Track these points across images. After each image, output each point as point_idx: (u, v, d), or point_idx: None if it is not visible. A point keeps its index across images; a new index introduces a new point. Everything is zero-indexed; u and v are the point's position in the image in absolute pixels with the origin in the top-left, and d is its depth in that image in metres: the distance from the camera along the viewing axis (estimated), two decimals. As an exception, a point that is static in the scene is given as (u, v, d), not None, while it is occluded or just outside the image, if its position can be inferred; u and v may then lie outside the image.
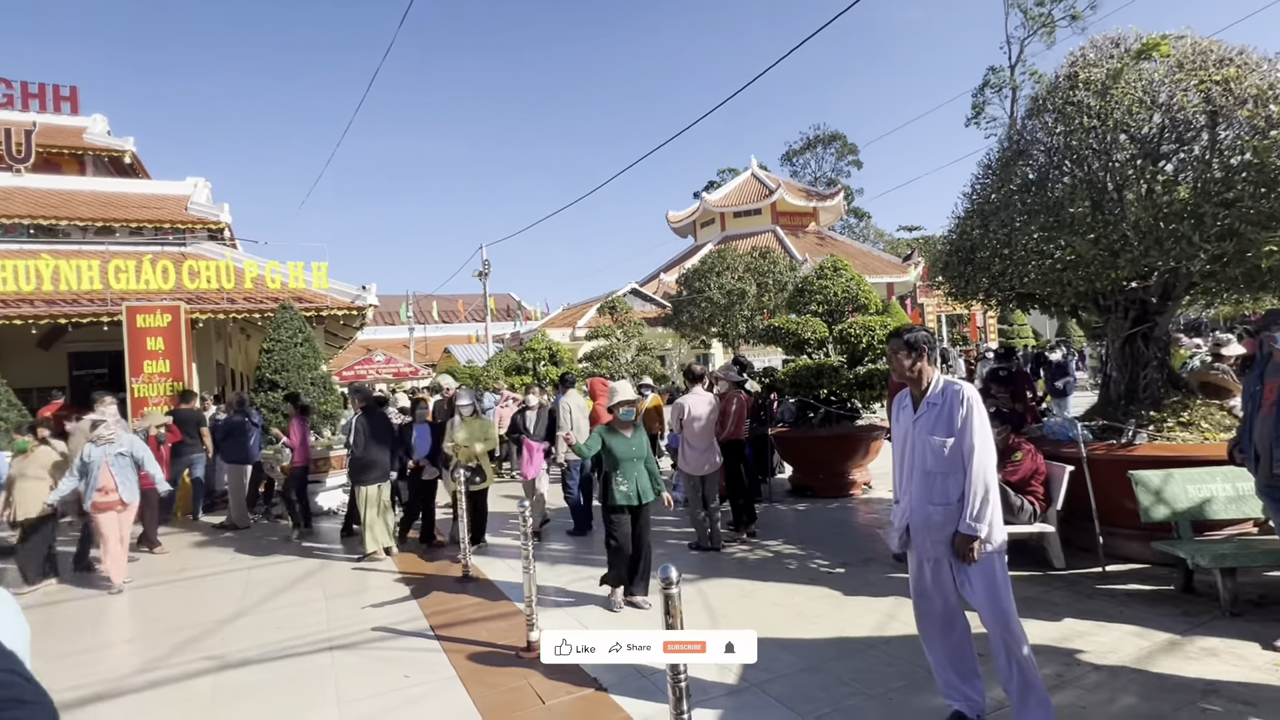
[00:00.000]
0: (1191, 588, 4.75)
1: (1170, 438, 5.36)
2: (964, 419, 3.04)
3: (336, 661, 4.55)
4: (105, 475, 6.58)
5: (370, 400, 7.44)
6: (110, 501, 6.57)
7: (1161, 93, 5.01)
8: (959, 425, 3.05)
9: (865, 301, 9.45)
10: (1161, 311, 5.71)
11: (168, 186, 15.61)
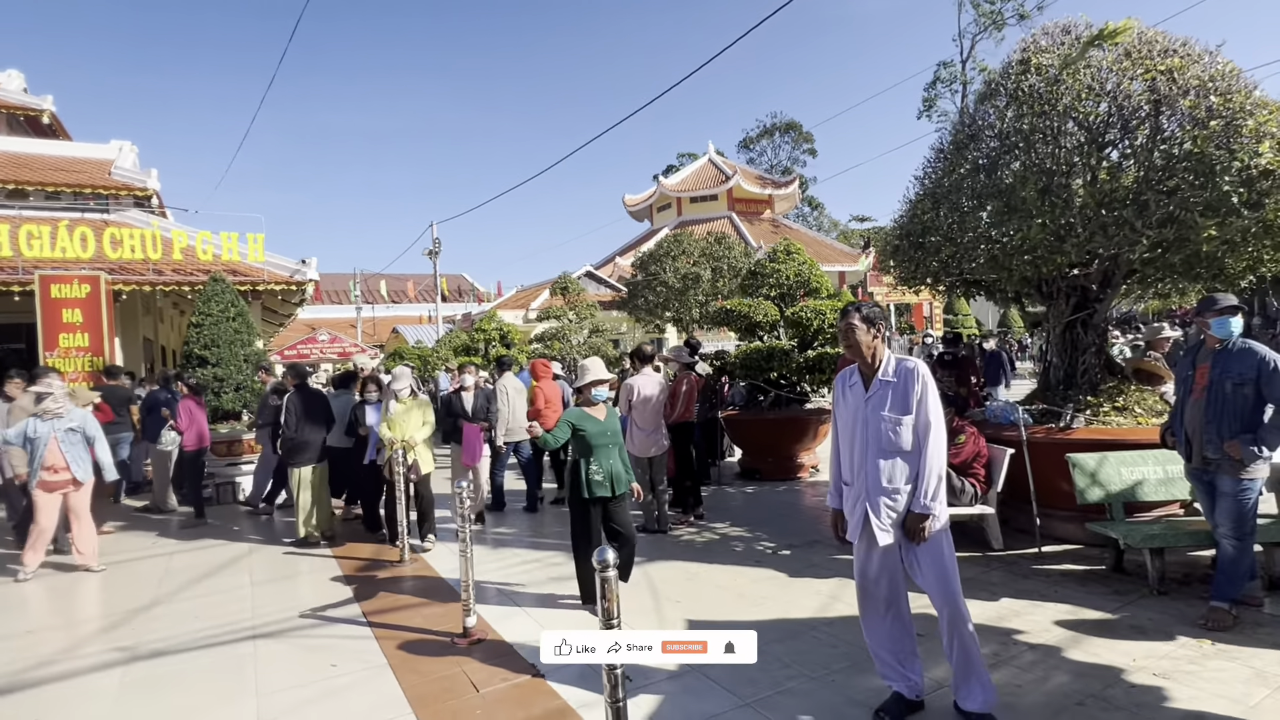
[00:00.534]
0: (1122, 567, 4.87)
1: (1105, 421, 5.48)
2: (920, 397, 2.98)
3: (259, 651, 4.30)
4: (54, 452, 6.04)
5: (303, 378, 7.09)
6: (60, 481, 6.07)
7: (1109, 80, 5.06)
8: (914, 403, 2.98)
9: (817, 285, 9.47)
10: (1101, 299, 5.82)
11: (90, 149, 14.58)
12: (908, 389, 2.98)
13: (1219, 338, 3.99)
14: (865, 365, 3.12)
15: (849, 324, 3.09)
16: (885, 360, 3.07)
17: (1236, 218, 4.46)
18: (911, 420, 2.98)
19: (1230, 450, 3.88)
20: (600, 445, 4.61)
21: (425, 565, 5.95)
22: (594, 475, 4.56)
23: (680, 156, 53.68)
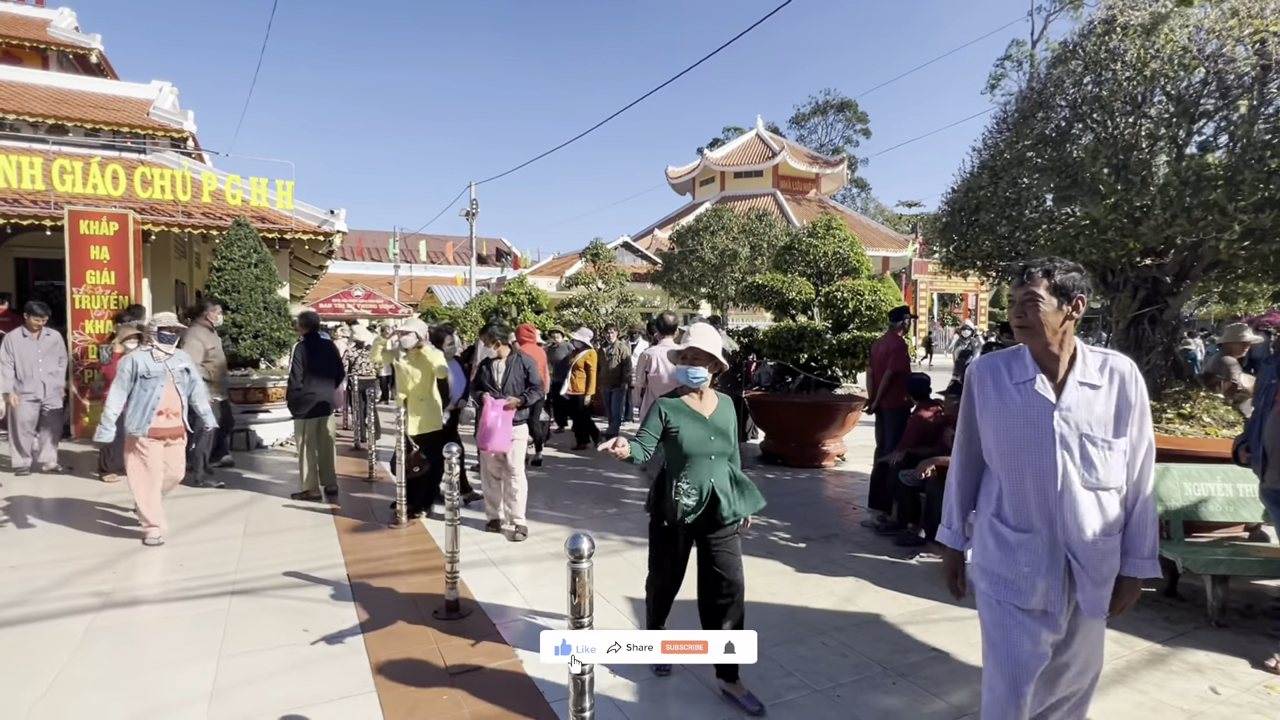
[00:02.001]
0: (1175, 592, 4.38)
1: (1169, 430, 4.94)
2: (1137, 409, 2.10)
3: (233, 608, 4.10)
4: (170, 393, 5.38)
5: (313, 327, 6.87)
6: (171, 428, 5.41)
7: (1209, 43, 4.43)
8: (1129, 417, 2.10)
9: (857, 265, 8.91)
10: (1175, 293, 5.23)
11: (130, 89, 14.58)
12: (1123, 397, 2.08)
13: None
14: (1049, 356, 2.13)
15: (1030, 293, 2.10)
16: (1081, 354, 2.13)
17: (1350, 205, 3.86)
18: (1125, 443, 2.09)
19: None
20: (700, 454, 3.09)
21: (422, 530, 5.72)
22: (684, 497, 3.06)
23: (726, 130, 52.45)
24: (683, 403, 3.17)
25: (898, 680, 3.33)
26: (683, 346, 3.19)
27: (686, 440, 3.08)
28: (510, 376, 5.63)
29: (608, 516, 6.22)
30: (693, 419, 3.13)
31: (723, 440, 3.15)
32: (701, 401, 3.19)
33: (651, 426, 3.13)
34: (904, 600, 4.31)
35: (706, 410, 3.18)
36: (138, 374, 5.27)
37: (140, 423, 5.23)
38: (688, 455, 3.09)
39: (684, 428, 3.10)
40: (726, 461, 3.17)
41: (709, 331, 3.17)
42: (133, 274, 10.12)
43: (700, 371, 3.14)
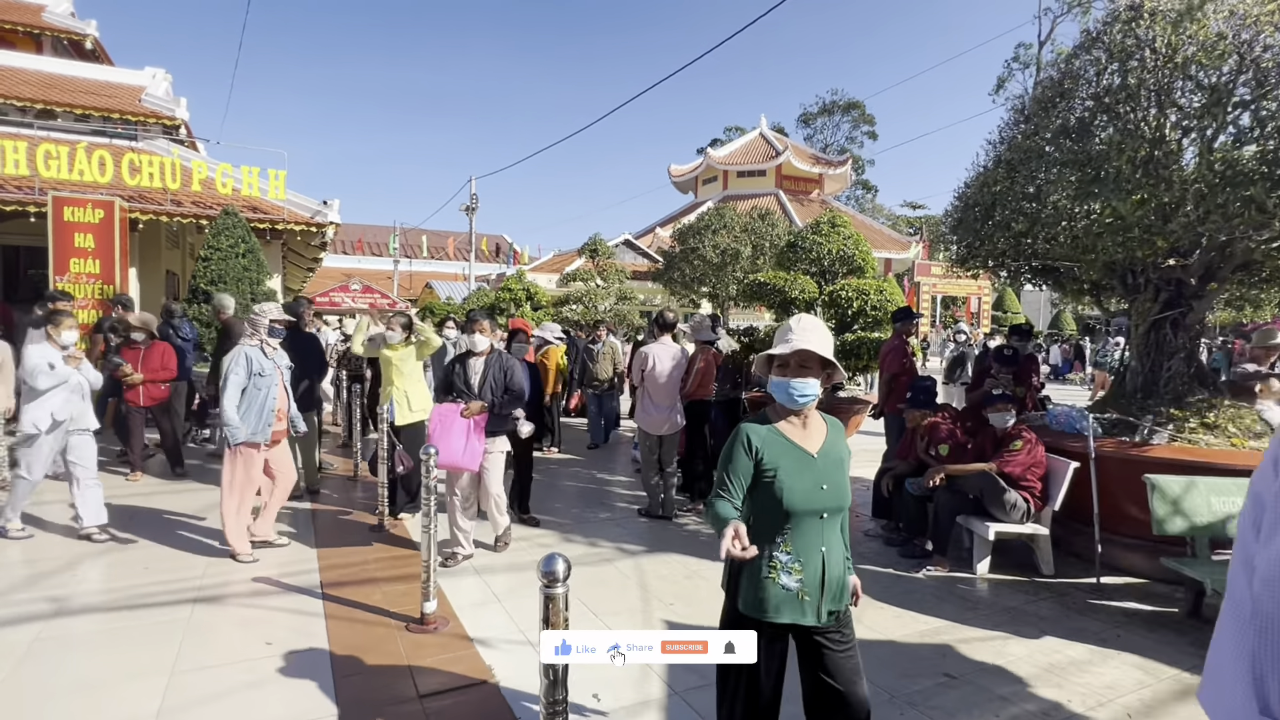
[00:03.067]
0: (1200, 613, 4.12)
1: (1193, 440, 4.67)
2: None
3: (195, 616, 3.84)
4: (282, 394, 4.95)
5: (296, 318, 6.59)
6: (281, 430, 5.02)
7: (1245, 30, 4.16)
8: None
9: (861, 264, 8.64)
10: (1199, 296, 4.96)
11: (123, 75, 14.29)
12: None
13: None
14: None
15: None
16: None
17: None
18: None
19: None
20: (807, 511, 2.12)
21: (404, 533, 5.47)
22: (782, 575, 2.12)
23: (728, 130, 52.14)
24: (778, 432, 2.17)
25: (905, 710, 3.07)
26: (783, 348, 2.13)
27: (788, 490, 2.09)
28: (488, 379, 4.81)
29: (599, 521, 5.96)
30: (796, 458, 2.14)
31: (837, 490, 2.15)
32: (805, 430, 2.20)
33: (737, 468, 2.14)
34: (910, 619, 4.04)
35: (812, 443, 2.18)
36: (253, 372, 4.75)
37: (258, 426, 4.72)
38: (789, 513, 2.10)
39: (783, 471, 2.11)
40: (839, 526, 2.19)
41: (818, 327, 2.20)
42: (119, 263, 9.86)
43: (811, 385, 2.14)
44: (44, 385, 4.83)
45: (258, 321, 4.95)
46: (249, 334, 4.93)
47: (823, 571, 2.13)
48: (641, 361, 5.99)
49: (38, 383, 4.81)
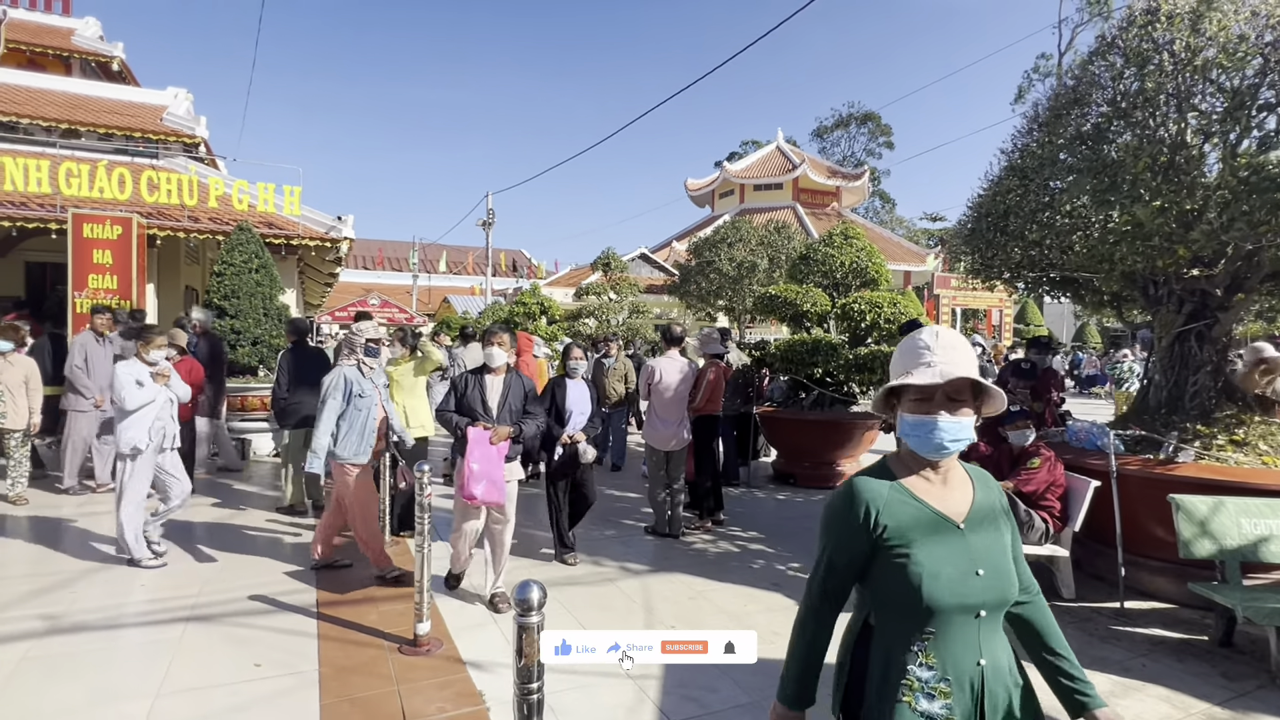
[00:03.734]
0: (1231, 642, 3.89)
1: (1221, 458, 4.46)
2: None
3: (186, 636, 3.78)
4: (380, 413, 4.82)
5: (301, 334, 6.59)
6: (379, 449, 4.92)
7: (1269, 31, 4.00)
8: None
9: (875, 276, 8.49)
10: (1225, 307, 4.76)
11: (145, 94, 14.60)
12: None
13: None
14: None
15: None
16: None
17: None
18: None
19: None
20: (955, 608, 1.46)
21: (406, 551, 5.38)
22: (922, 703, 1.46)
23: (744, 144, 52.13)
24: (907, 492, 1.52)
25: (914, 744, 2.90)
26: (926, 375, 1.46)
27: (929, 578, 1.43)
28: (508, 400, 4.37)
29: (605, 539, 5.84)
30: (936, 530, 1.48)
31: (998, 575, 1.48)
32: (945, 488, 1.55)
33: (845, 546, 1.52)
34: (922, 644, 3.87)
35: (957, 507, 1.52)
36: (351, 393, 4.58)
37: (360, 448, 4.56)
38: (930, 610, 1.44)
39: (920, 549, 1.46)
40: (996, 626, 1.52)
41: (962, 343, 1.55)
42: (135, 278, 9.96)
43: (966, 425, 1.49)
44: (132, 404, 4.75)
45: (354, 340, 4.80)
46: (345, 354, 4.80)
47: (980, 694, 1.46)
48: (648, 375, 5.89)
49: (126, 401, 4.74)
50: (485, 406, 4.32)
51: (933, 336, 1.56)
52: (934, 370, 1.49)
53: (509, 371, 4.49)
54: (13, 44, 15.78)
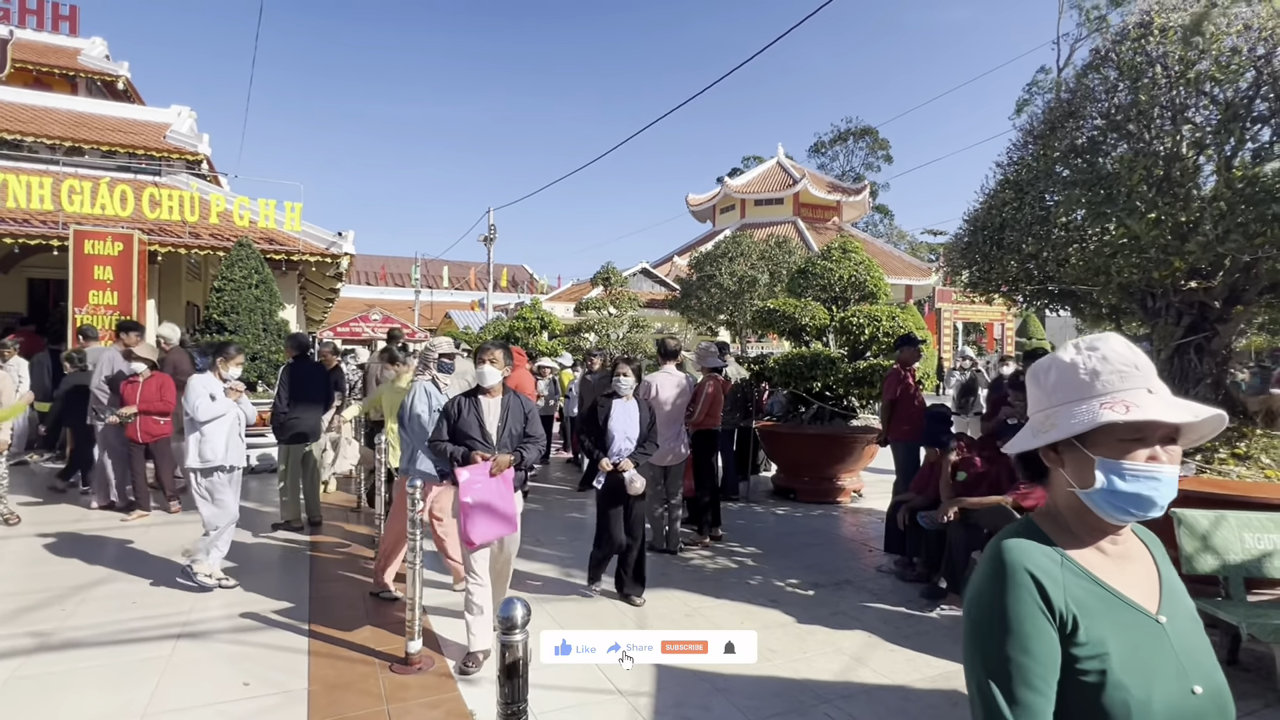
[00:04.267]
0: (1236, 659, 3.83)
1: (1223, 472, 4.41)
2: None
3: (176, 654, 3.73)
4: None
5: (303, 349, 6.59)
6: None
7: (1261, 44, 4.01)
8: None
9: (874, 290, 8.48)
10: (1224, 319, 4.74)
11: (149, 113, 14.75)
12: None
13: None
14: None
15: None
16: None
17: None
18: None
19: None
20: None
21: (402, 568, 5.33)
22: None
23: (745, 159, 52.39)
24: (1083, 573, 1.10)
25: (912, 765, 2.85)
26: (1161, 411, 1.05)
27: (1137, 708, 1.01)
28: (509, 424, 3.90)
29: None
30: (1130, 626, 1.07)
31: (1219, 693, 1.08)
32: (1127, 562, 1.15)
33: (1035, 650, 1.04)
34: (922, 662, 3.81)
35: (1147, 589, 1.13)
36: (432, 408, 4.40)
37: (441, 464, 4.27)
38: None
39: (1117, 659, 1.03)
40: None
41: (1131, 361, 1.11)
42: (136, 294, 10.02)
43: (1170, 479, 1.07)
44: (204, 416, 4.71)
45: (428, 356, 4.74)
46: (420, 370, 4.77)
47: None
48: (644, 390, 5.86)
49: (198, 414, 4.70)
50: (484, 433, 3.84)
51: (1125, 348, 1.12)
52: (1169, 402, 1.07)
53: (506, 392, 4.01)
54: (19, 64, 15.97)
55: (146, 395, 6.48)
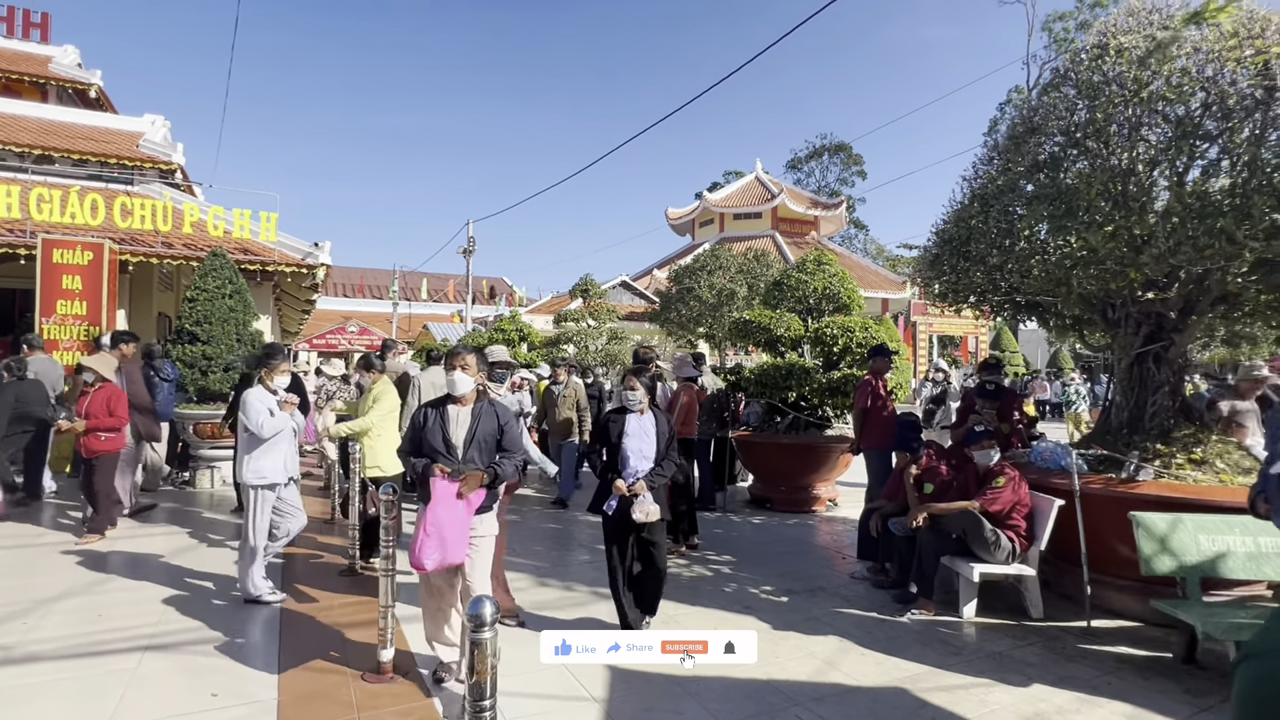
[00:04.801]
0: (1194, 658, 3.93)
1: (1180, 476, 4.55)
2: None
3: (143, 666, 3.67)
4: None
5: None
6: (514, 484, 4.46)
7: (1209, 65, 4.19)
8: None
9: (847, 301, 8.62)
10: (1180, 329, 4.90)
11: (121, 121, 14.57)
12: None
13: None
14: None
15: None
16: None
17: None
18: None
19: (1352, 527, 2.97)
20: None
21: (373, 576, 5.29)
22: None
23: (726, 174, 52.95)
24: None
25: (880, 765, 2.89)
26: None
27: None
28: (479, 436, 3.50)
29: (579, 564, 5.80)
30: None
31: None
32: None
33: None
34: (891, 665, 3.87)
35: None
36: None
37: None
38: None
39: None
40: None
41: None
42: (106, 304, 9.87)
43: None
44: (269, 433, 4.56)
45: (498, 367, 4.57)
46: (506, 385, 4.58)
47: None
48: (620, 400, 5.90)
49: (263, 431, 4.54)
50: (448, 444, 3.46)
51: None
52: None
53: (480, 399, 3.65)
54: (-12, 71, 15.71)
55: (92, 409, 6.08)
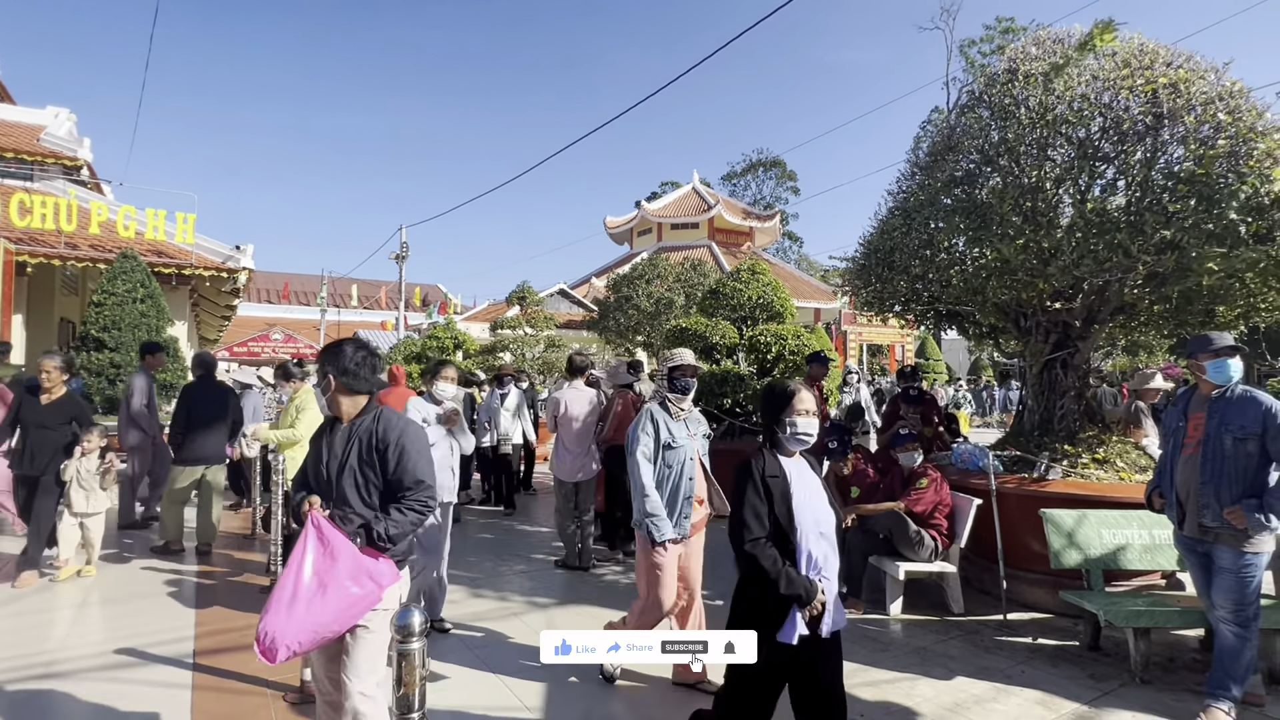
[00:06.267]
0: (1098, 645, 4.19)
1: (1085, 475, 4.85)
2: None
3: (38, 697, 3.42)
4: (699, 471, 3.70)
5: (208, 369, 6.20)
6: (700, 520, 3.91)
7: (1105, 93, 4.52)
8: None
9: (780, 309, 8.84)
10: (1084, 337, 5.24)
11: (20, 113, 13.59)
12: None
13: (1216, 383, 3.39)
14: None
15: None
16: None
17: (1244, 248, 3.90)
18: None
19: (1232, 519, 3.24)
20: None
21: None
22: None
23: (664, 184, 53.54)
24: None
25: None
26: None
27: None
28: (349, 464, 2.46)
29: (514, 574, 5.72)
30: None
31: None
32: None
33: None
34: (822, 663, 3.96)
35: None
36: (660, 441, 3.45)
37: (674, 517, 3.50)
38: None
39: None
40: None
41: None
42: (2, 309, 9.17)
43: None
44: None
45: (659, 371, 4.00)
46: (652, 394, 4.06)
47: None
48: (554, 407, 5.88)
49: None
50: (319, 475, 2.52)
51: None
52: None
53: (368, 412, 2.55)
54: None
55: None
